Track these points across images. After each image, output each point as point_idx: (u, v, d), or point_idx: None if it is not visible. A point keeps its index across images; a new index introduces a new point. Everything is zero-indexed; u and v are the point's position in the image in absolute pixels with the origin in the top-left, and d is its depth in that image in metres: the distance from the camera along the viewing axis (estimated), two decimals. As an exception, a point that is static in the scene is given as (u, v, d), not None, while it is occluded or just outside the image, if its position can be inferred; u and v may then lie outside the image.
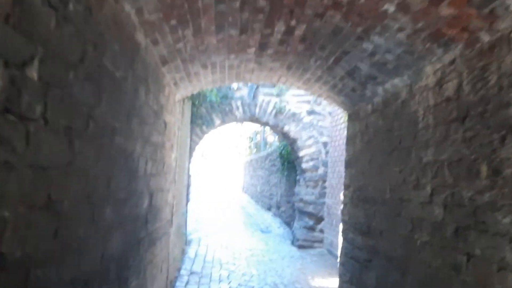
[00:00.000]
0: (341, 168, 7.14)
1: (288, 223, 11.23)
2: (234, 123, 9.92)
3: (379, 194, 3.67)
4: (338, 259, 6.21)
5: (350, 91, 4.22)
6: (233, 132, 31.47)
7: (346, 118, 6.12)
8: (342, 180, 7.24)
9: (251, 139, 22.94)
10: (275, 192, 13.70)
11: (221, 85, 5.04)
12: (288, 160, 10.87)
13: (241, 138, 27.87)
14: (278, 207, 12.98)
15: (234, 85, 7.98)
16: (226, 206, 15.96)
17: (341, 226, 5.82)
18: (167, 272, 4.69)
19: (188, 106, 5.96)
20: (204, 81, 4.63)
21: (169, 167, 4.33)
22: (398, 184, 3.25)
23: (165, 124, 3.87)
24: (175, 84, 4.19)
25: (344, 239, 4.69)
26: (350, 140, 4.83)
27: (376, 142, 3.87)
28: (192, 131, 7.80)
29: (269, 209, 14.54)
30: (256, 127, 22.38)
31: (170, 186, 4.57)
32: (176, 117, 4.77)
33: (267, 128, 20.17)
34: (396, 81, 3.36)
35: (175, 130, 4.69)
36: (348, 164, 4.80)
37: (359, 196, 4.29)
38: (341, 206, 6.87)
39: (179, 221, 6.14)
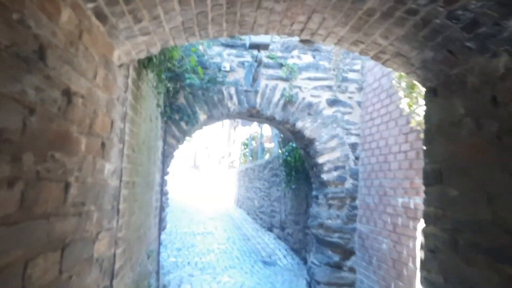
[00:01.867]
0: (383, 181, 5.10)
1: (298, 251, 9.15)
2: (226, 120, 7.84)
3: None
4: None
5: (460, 31, 2.19)
6: (223, 137, 29.36)
7: (408, 99, 4.06)
8: (385, 199, 5.19)
9: (246, 145, 20.93)
10: (277, 208, 11.61)
11: (201, 39, 2.99)
12: (296, 169, 8.82)
13: (234, 144, 25.85)
14: (283, 228, 10.89)
15: (226, 65, 5.93)
16: (218, 225, 13.82)
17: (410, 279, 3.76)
18: None
19: (148, 83, 3.88)
20: (168, 24, 2.57)
21: (95, 188, 2.24)
22: None
23: (69, 95, 1.79)
24: (103, 17, 2.11)
25: (435, 318, 2.63)
26: (437, 133, 2.80)
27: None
28: (166, 130, 5.72)
29: (270, 229, 12.44)
30: (252, 131, 20.31)
31: (106, 226, 2.48)
32: (117, 94, 2.69)
33: (265, 132, 18.11)
34: None
35: (114, 118, 2.61)
36: (437, 177, 2.76)
37: (477, 242, 2.25)
38: (389, 242, 4.63)
39: (139, 272, 4.03)
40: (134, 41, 2.63)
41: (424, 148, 2.98)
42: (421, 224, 4.24)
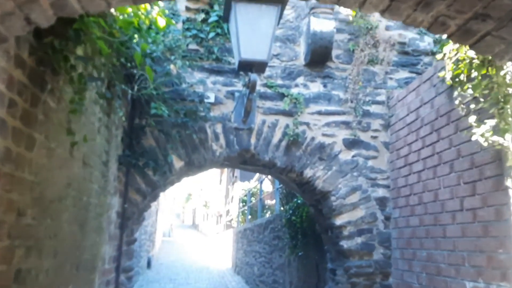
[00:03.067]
0: (435, 254, 3.59)
1: (308, 338, 7.30)
2: (224, 176, 6.43)
3: None
4: None
5: None
6: (221, 194, 27.73)
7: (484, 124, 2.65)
8: (439, 281, 3.50)
9: (244, 202, 19.32)
10: (281, 279, 9.82)
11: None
12: (303, 232, 7.24)
13: (232, 201, 24.24)
14: (288, 305, 9.05)
15: (210, 95, 4.61)
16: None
17: None
18: None
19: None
20: None
21: None
22: None
23: None
24: None
25: None
26: None
27: None
28: (127, 181, 4.27)
29: (272, 304, 10.53)
30: (251, 186, 18.74)
31: None
32: None
33: (265, 187, 16.55)
34: None
35: None
36: None
37: None
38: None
39: None
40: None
41: None
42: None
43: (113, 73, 3.30)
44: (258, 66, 3.89)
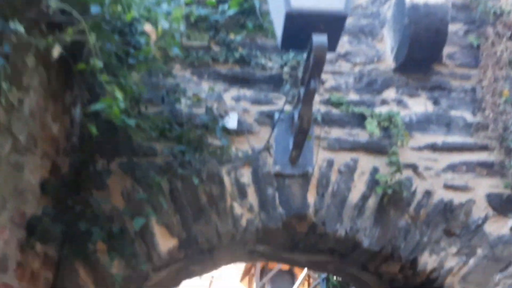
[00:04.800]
0: None
1: None
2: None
3: None
4: None
5: None
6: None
7: None
8: None
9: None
10: None
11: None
12: None
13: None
14: None
15: (232, 118, 2.60)
16: None
17: None
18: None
19: None
20: None
21: None
22: None
23: None
24: None
25: None
26: None
27: None
28: (57, 277, 2.10)
29: None
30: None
31: None
32: None
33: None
34: None
35: None
36: None
37: None
38: None
39: None
40: None
41: None
42: None
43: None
44: (327, 23, 1.94)
